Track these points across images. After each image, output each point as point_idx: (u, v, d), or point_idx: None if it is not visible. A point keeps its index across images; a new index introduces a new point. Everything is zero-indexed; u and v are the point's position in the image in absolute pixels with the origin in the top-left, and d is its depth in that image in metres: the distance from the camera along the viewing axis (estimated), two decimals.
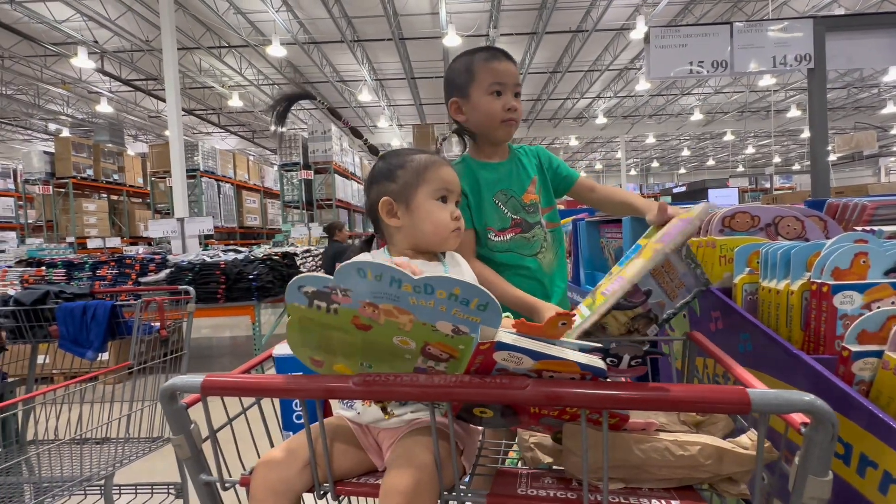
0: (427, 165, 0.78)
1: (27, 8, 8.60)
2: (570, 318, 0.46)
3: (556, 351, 0.43)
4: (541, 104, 15.42)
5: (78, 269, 3.93)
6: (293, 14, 9.54)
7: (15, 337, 1.66)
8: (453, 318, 0.42)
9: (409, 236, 0.78)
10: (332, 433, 0.60)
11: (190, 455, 0.55)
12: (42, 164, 9.90)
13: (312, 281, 0.43)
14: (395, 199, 0.78)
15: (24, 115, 14.21)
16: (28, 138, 16.46)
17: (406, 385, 0.44)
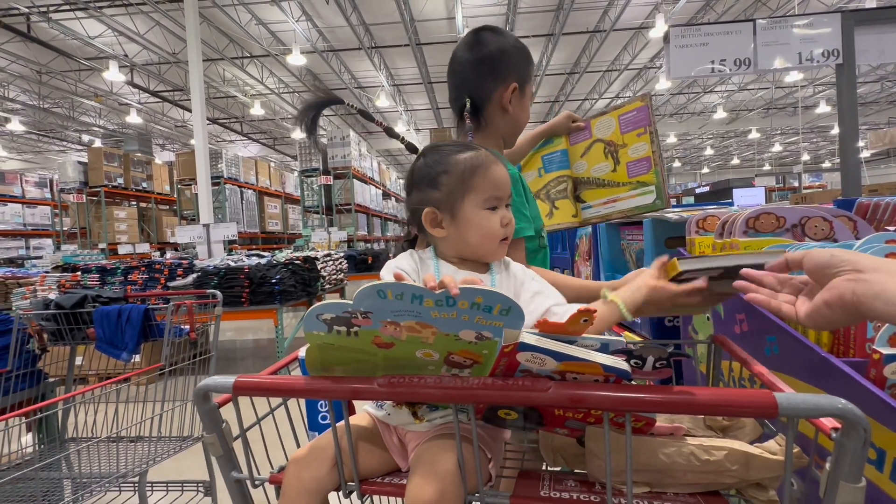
0: (473, 170, 0.72)
1: (62, 25, 9.02)
2: (592, 314, 0.46)
3: (579, 352, 0.43)
4: (558, 106, 15.31)
5: (110, 273, 4.09)
6: (312, 23, 9.75)
7: (55, 339, 1.74)
8: (476, 325, 0.43)
9: (455, 245, 0.73)
10: (357, 433, 0.61)
11: (222, 453, 0.57)
12: (76, 173, 10.33)
13: (331, 308, 0.44)
14: (439, 209, 0.72)
15: (59, 128, 14.89)
16: (63, 149, 17.20)
17: (430, 387, 0.46)
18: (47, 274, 4.42)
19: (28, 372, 1.69)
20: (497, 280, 0.72)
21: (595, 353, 0.43)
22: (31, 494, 1.61)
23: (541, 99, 14.63)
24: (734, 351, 0.60)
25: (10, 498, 1.59)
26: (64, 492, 1.66)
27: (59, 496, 1.63)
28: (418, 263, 0.73)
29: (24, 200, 11.82)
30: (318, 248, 8.44)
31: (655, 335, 1.29)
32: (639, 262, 1.61)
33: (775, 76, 12.88)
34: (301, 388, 0.50)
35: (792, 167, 22.63)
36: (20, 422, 1.67)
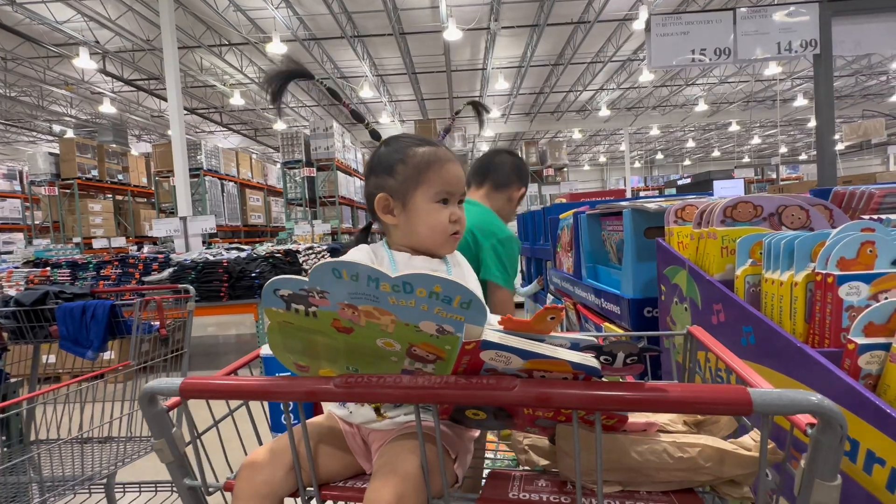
0: (429, 163, 0.73)
1: (28, 9, 8.61)
2: (560, 312, 0.43)
3: (545, 349, 0.41)
4: (543, 97, 15.31)
5: (82, 269, 3.95)
6: (293, 10, 9.50)
7: (16, 337, 1.66)
8: (436, 317, 0.40)
9: (405, 235, 0.74)
10: (319, 434, 0.58)
11: (172, 459, 0.54)
12: (47, 165, 9.96)
13: (288, 283, 0.41)
14: (392, 196, 0.73)
15: (28, 117, 14.30)
16: (33, 140, 16.58)
17: (389, 387, 0.43)
18: (15, 269, 4.25)
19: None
20: (453, 273, 0.72)
21: (563, 351, 0.41)
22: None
23: (525, 90, 14.60)
24: (709, 343, 0.58)
25: None
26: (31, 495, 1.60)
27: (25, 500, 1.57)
28: (372, 254, 0.71)
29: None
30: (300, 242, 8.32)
31: (635, 325, 1.28)
32: (619, 253, 1.60)
33: (755, 69, 13.08)
34: (252, 390, 0.46)
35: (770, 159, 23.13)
36: None
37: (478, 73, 13.20)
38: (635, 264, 1.30)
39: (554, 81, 13.71)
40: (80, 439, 1.67)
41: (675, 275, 1.01)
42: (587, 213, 1.80)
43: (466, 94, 14.78)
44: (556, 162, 11.57)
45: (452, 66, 12.25)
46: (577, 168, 28.55)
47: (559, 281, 2.19)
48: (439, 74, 12.84)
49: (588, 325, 1.72)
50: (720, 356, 0.53)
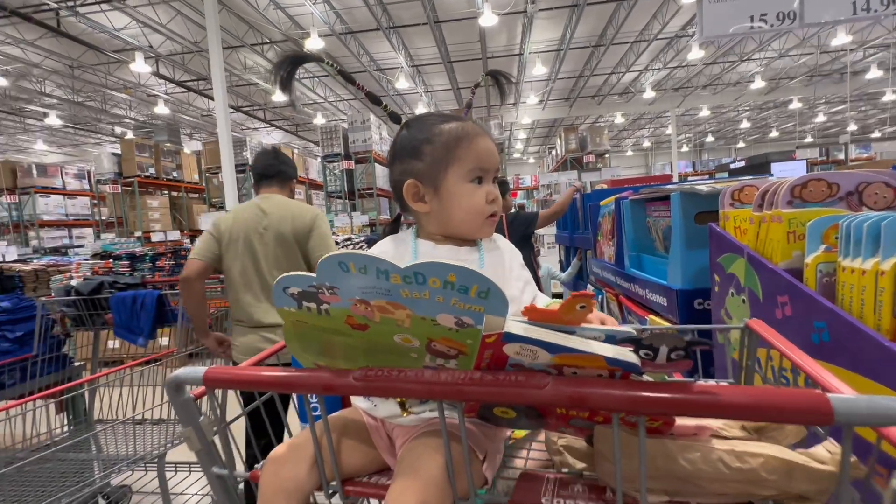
0: (459, 139, 0.67)
1: (89, 19, 9.22)
2: (590, 300, 0.38)
3: (576, 343, 0.36)
4: (583, 81, 14.75)
5: (140, 260, 4.22)
6: (330, 5, 9.61)
7: (78, 324, 1.78)
8: (454, 309, 0.36)
9: (439, 222, 0.69)
10: (343, 427, 0.56)
11: (200, 447, 0.53)
12: (111, 165, 10.71)
13: (296, 281, 0.38)
14: (421, 182, 0.68)
15: (93, 120, 15.41)
16: (98, 142, 17.86)
17: (410, 381, 0.40)
18: (84, 262, 4.60)
19: (54, 356, 1.74)
20: (486, 259, 0.66)
21: (596, 344, 0.36)
22: (62, 473, 1.67)
23: (564, 74, 14.11)
24: (772, 338, 0.51)
25: (42, 476, 1.65)
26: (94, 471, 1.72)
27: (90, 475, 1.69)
28: (394, 246, 0.67)
29: (66, 192, 12.35)
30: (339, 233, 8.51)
31: (684, 318, 1.19)
32: (666, 241, 1.49)
33: (820, 40, 11.97)
34: (272, 381, 0.45)
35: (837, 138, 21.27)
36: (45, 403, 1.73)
37: (514, 59, 12.89)
38: (684, 252, 1.21)
39: (595, 64, 13.16)
40: (136, 420, 1.78)
41: (731, 263, 0.92)
42: (630, 198, 1.70)
43: None
44: (598, 148, 11.14)
45: (488, 52, 12.03)
46: (620, 154, 27.45)
47: (600, 270, 2.10)
48: (475, 62, 12.65)
49: (632, 318, 1.63)
50: (786, 354, 0.47)
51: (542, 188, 13.00)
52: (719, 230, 0.96)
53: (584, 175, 7.83)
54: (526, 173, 21.56)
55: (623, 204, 1.72)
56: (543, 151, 24.04)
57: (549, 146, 21.82)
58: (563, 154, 11.83)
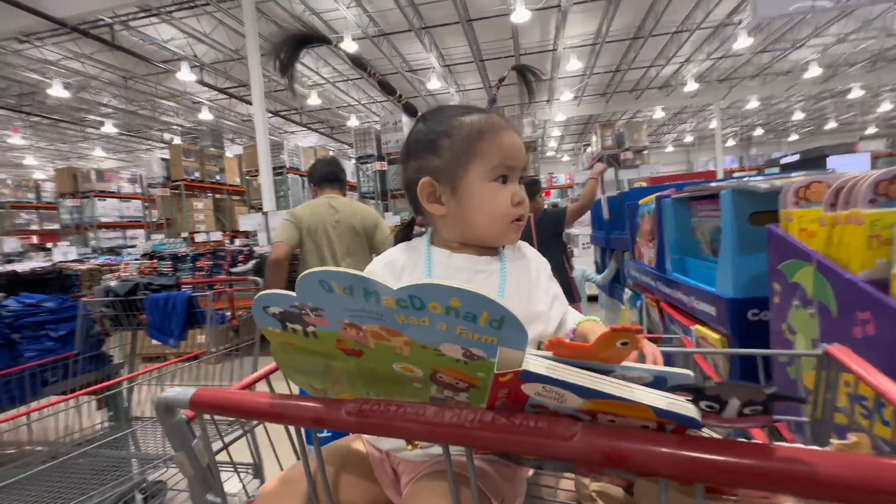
0: (481, 132, 0.59)
1: (140, 32, 9.76)
2: (635, 336, 0.31)
3: (615, 388, 0.29)
4: (620, 75, 14.26)
5: (182, 261, 4.38)
6: (363, 8, 9.73)
7: (115, 324, 1.84)
8: (460, 338, 0.30)
9: (456, 226, 0.61)
10: (343, 458, 0.51)
11: (192, 473, 0.49)
12: (160, 169, 11.33)
13: (276, 300, 0.33)
14: (437, 180, 0.61)
15: (144, 128, 16.35)
16: (149, 147, 18.92)
17: (409, 419, 0.33)
18: (130, 262, 4.84)
19: (94, 355, 1.81)
20: (509, 270, 0.58)
21: (641, 391, 0.28)
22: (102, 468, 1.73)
23: (600, 69, 13.68)
24: (863, 371, 0.41)
25: (83, 471, 1.70)
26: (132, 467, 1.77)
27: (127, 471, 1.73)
28: (405, 254, 0.60)
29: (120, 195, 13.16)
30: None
31: (735, 330, 1.07)
32: (713, 244, 1.36)
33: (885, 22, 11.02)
34: (260, 409, 0.40)
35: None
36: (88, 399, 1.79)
37: (548, 55, 12.62)
38: (737, 257, 1.08)
39: (633, 57, 12.69)
40: None
41: (795, 271, 0.80)
42: (673, 196, 1.57)
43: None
44: (635, 144, 10.73)
45: (521, 49, 11.84)
46: (659, 150, 26.39)
47: (638, 274, 1.97)
48: (507, 59, 12.49)
49: (674, 327, 1.51)
50: (886, 394, 0.37)
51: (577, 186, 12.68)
52: (780, 233, 0.84)
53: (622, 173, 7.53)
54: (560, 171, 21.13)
55: (665, 203, 1.59)
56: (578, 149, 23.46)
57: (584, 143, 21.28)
58: (599, 151, 11.48)
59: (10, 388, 1.59)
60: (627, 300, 2.18)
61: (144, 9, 9.02)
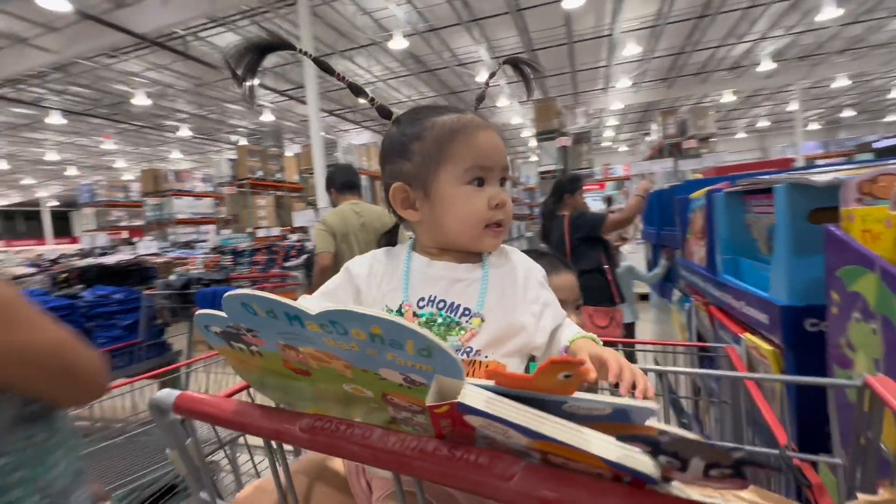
0: (452, 133, 0.57)
1: (208, 42, 10.50)
2: (580, 368, 0.27)
3: (558, 430, 0.25)
4: (683, 58, 13.32)
5: (241, 255, 4.68)
6: (412, 5, 9.81)
7: (174, 315, 2.00)
8: (394, 364, 0.28)
9: (432, 232, 0.60)
10: (318, 470, 0.50)
11: (186, 471, 0.51)
12: (228, 168, 12.17)
13: (213, 319, 0.32)
14: (410, 185, 0.59)
15: (214, 130, 17.63)
16: (218, 149, 20.38)
17: (354, 442, 0.32)
18: (198, 256, 5.25)
19: (156, 343, 1.98)
20: (492, 277, 0.55)
21: (592, 437, 0.25)
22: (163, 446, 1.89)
23: (661, 52, 12.84)
24: None
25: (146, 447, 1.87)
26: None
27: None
28: (382, 262, 0.59)
29: (194, 194, 14.30)
30: None
31: (790, 342, 0.96)
32: (771, 243, 1.23)
33: None
34: (226, 417, 0.40)
35: None
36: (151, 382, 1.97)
37: (603, 41, 12.05)
38: (792, 259, 0.97)
39: (698, 37, 11.79)
40: None
41: (855, 279, 0.70)
42: (725, 190, 1.44)
43: (591, 65, 13.65)
44: (701, 131, 9.98)
45: (574, 36, 11.38)
46: (728, 137, 24.42)
47: (688, 274, 1.83)
48: (559, 48, 12.07)
49: (724, 334, 1.38)
50: None
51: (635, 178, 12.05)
52: (839, 234, 0.73)
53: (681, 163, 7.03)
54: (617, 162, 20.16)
55: (716, 197, 1.46)
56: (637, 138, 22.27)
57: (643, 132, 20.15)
58: (660, 140, 10.81)
59: None
60: (676, 301, 2.03)
61: (212, 19, 9.67)
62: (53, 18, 8.77)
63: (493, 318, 0.55)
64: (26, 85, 11.62)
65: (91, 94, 13.11)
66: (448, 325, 0.54)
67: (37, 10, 7.93)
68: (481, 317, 0.54)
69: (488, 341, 0.54)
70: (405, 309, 0.55)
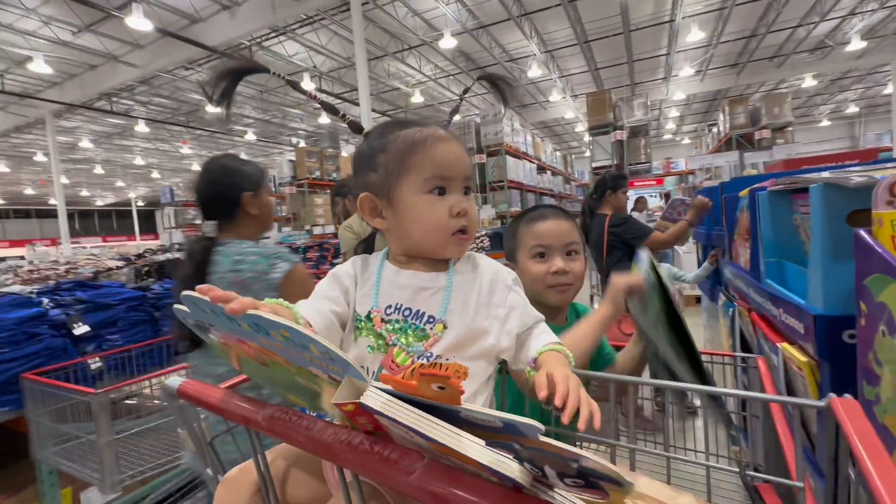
0: (413, 145, 0.59)
1: (271, 51, 11.17)
2: (452, 381, 0.28)
3: (443, 434, 0.27)
4: (756, 41, 12.25)
5: (295, 252, 4.97)
6: (462, 3, 9.83)
7: None
8: (313, 364, 0.31)
9: (398, 240, 0.63)
10: (297, 456, 0.55)
11: (195, 449, 0.58)
12: (288, 169, 12.90)
13: (182, 313, 0.37)
14: (376, 195, 0.62)
15: (276, 133, 18.74)
16: (280, 151, 21.62)
17: (300, 432, 0.36)
18: None
19: None
20: (454, 285, 0.57)
21: (469, 442, 0.27)
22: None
23: (729, 36, 11.90)
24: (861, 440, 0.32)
25: None
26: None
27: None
28: (359, 268, 0.62)
29: None
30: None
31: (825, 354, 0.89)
32: None
33: None
34: (212, 403, 0.46)
35: None
36: None
37: (664, 28, 11.38)
38: (829, 265, 0.90)
39: (773, 17, 10.79)
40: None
41: (882, 288, 0.64)
42: (769, 188, 1.34)
43: (650, 53, 12.94)
44: (775, 120, 9.18)
45: (631, 24, 10.85)
46: (809, 126, 22.15)
47: (732, 277, 1.72)
48: (615, 38, 11.56)
49: (763, 343, 1.30)
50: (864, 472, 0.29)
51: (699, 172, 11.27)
52: (868, 239, 0.67)
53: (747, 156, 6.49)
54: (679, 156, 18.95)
55: (759, 196, 1.37)
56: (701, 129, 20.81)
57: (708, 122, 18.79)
58: (727, 131, 10.04)
59: (153, 354, 1.99)
60: (721, 306, 1.92)
61: (274, 29, 10.28)
62: (139, 37, 9.75)
63: (455, 323, 0.57)
64: (118, 98, 13.02)
65: (170, 103, 14.42)
66: (414, 332, 0.57)
67: (126, 30, 8.88)
68: (444, 323, 0.57)
69: (449, 346, 0.57)
70: (374, 315, 0.59)
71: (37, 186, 24.62)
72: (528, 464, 0.26)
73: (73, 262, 6.22)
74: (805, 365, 0.97)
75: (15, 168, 20.14)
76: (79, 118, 14.71)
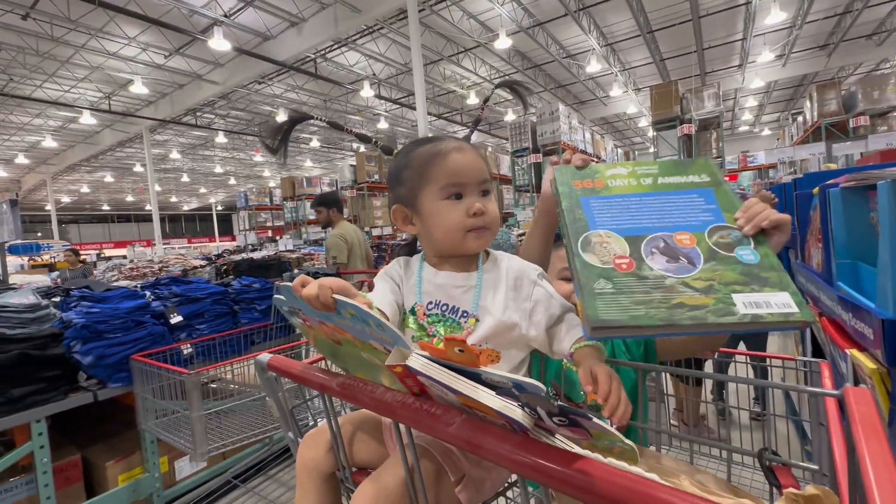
0: (429, 158, 0.68)
1: (334, 61, 11.79)
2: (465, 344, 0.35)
3: (464, 386, 0.34)
4: (848, 19, 10.99)
5: None
6: (517, 2, 9.78)
7: None
8: (372, 336, 0.39)
9: (428, 243, 0.72)
10: (361, 421, 0.64)
11: (279, 415, 0.69)
12: (349, 174, 13.51)
13: (279, 301, 0.47)
14: (406, 206, 0.72)
15: (338, 140, 19.69)
16: (342, 157, 22.70)
17: (366, 395, 0.44)
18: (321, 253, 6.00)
19: (285, 325, 2.39)
20: (483, 284, 0.63)
21: (482, 392, 0.33)
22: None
23: (816, 15, 10.78)
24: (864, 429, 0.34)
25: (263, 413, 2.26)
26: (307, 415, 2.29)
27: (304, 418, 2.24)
28: (402, 268, 0.71)
29: None
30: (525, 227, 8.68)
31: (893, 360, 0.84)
32: None
33: None
34: (294, 374, 0.56)
35: None
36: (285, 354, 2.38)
37: (739, 11, 10.56)
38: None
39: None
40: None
41: None
42: (842, 185, 1.26)
43: (722, 40, 12.06)
44: (874, 106, 8.18)
45: (701, 10, 10.19)
46: None
47: (803, 280, 1.62)
48: (682, 26, 10.91)
49: (833, 350, 1.23)
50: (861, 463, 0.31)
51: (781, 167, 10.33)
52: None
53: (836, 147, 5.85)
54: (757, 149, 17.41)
55: (830, 194, 1.29)
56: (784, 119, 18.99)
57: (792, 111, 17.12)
58: (815, 119, 9.09)
59: (232, 344, 2.23)
60: None
61: (336, 41, 10.86)
62: (219, 56, 10.75)
63: (486, 317, 0.65)
64: (201, 112, 14.41)
65: (245, 115, 15.70)
66: (451, 324, 0.65)
67: (208, 51, 9.83)
68: (476, 317, 0.65)
69: (482, 337, 0.64)
70: (417, 309, 0.68)
71: (135, 194, 27.81)
72: (528, 408, 0.32)
73: (165, 261, 6.99)
74: (874, 373, 0.92)
75: (118, 178, 22.90)
76: (169, 132, 16.44)
